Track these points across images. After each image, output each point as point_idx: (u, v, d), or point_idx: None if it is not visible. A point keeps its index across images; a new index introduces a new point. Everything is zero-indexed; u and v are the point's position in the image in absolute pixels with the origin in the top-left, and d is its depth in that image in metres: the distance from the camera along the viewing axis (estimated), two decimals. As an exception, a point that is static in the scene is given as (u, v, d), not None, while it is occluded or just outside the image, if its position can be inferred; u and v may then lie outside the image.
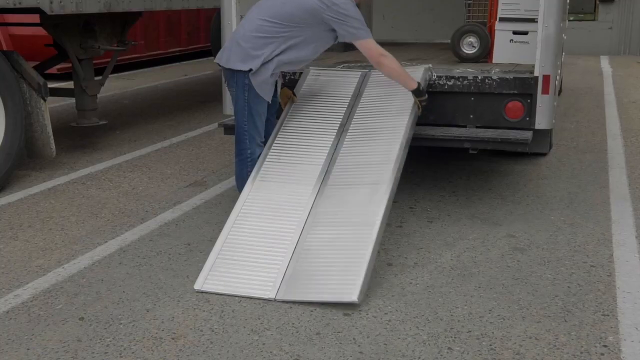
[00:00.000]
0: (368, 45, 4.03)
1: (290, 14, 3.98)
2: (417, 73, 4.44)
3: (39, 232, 4.38)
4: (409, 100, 4.23)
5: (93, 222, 4.57)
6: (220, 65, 4.16)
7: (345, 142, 4.16)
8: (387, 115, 4.26)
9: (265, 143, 4.20)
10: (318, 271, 3.44)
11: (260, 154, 4.13)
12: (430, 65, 4.61)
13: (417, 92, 4.19)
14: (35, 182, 5.47)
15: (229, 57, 4.08)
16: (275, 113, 4.40)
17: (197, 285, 3.51)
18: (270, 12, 4.02)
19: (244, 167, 4.15)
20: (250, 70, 3.98)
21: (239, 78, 4.03)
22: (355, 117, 4.32)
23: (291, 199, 3.86)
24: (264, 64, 3.98)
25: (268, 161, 4.10)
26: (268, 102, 4.11)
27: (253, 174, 4.04)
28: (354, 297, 3.26)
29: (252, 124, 4.08)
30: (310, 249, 3.57)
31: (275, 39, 3.99)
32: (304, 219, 3.72)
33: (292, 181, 3.97)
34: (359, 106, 4.40)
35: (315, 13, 3.96)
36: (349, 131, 4.23)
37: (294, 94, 4.48)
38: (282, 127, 4.30)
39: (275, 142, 4.21)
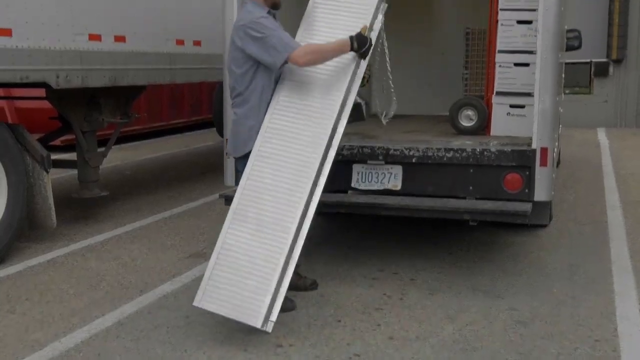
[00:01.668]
0: (296, 59, 3.98)
1: (231, 69, 4.14)
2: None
3: (37, 305, 4.34)
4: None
5: (91, 294, 4.54)
6: (237, 157, 4.27)
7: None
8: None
9: None
10: (233, 281, 3.72)
11: None
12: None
13: (358, 46, 4.03)
14: (35, 254, 5.46)
15: (236, 144, 4.19)
16: None
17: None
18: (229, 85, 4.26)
19: None
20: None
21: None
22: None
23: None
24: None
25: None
26: None
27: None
28: (258, 323, 3.58)
29: None
30: (228, 249, 3.81)
31: (251, 103, 4.10)
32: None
33: None
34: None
35: (235, 44, 4.06)
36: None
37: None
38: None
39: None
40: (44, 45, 5.40)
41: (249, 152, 4.07)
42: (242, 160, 4.14)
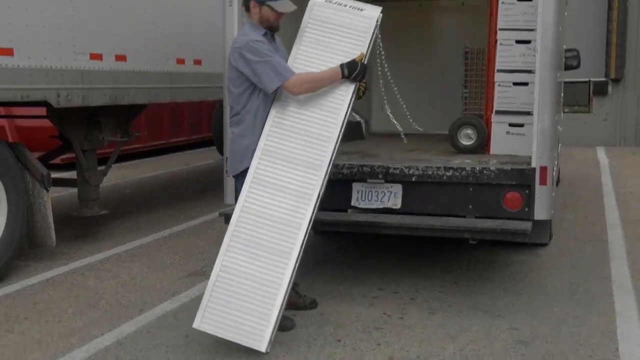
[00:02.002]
0: (290, 88, 4.03)
1: (229, 89, 4.18)
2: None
3: (36, 324, 4.32)
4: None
5: (90, 313, 4.52)
6: (234, 175, 4.28)
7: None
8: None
9: None
10: (233, 304, 3.74)
11: None
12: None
13: (349, 73, 4.05)
14: (34, 273, 5.44)
15: (233, 163, 4.22)
16: None
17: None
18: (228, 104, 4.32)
19: None
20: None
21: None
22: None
23: None
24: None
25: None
26: None
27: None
28: (262, 347, 3.61)
29: None
30: (227, 271, 3.81)
31: (246, 123, 4.12)
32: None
33: None
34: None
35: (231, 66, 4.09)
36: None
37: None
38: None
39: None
40: (45, 65, 5.43)
41: (245, 170, 4.07)
42: (240, 178, 4.15)
